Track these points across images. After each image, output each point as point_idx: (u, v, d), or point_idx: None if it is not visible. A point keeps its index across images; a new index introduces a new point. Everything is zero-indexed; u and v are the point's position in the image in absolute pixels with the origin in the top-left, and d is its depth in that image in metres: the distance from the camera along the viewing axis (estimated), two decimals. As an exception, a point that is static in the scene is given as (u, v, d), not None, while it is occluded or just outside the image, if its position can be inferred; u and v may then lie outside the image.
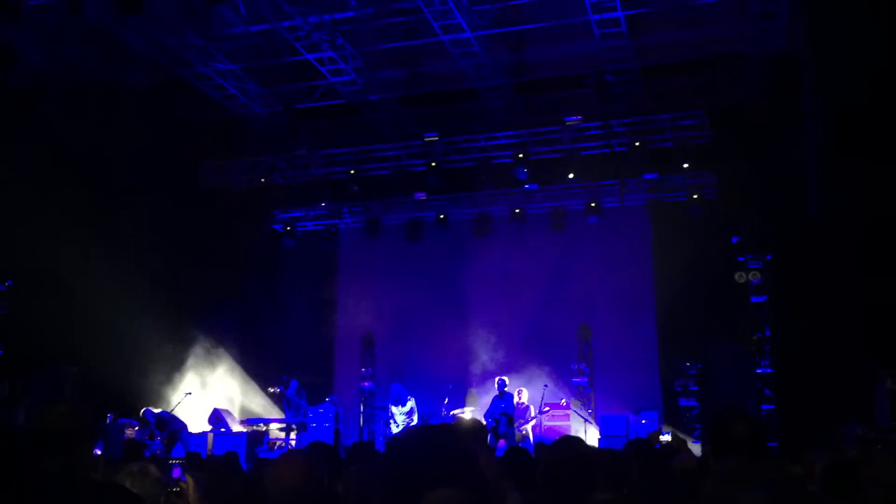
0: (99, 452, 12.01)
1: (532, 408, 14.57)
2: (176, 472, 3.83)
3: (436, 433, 1.78)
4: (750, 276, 15.25)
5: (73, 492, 2.52)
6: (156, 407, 15.00)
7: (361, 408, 18.10)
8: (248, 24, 14.11)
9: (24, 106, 13.52)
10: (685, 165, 16.30)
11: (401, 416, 14.95)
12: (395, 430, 14.79)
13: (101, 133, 14.41)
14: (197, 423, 15.26)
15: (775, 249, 15.10)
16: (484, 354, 16.98)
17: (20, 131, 13.55)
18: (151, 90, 15.37)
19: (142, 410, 14.61)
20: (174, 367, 16.28)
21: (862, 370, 12.09)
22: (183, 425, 14.68)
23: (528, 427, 14.33)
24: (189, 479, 4.77)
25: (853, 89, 11.74)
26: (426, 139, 17.08)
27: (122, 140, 14.76)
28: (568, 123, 16.26)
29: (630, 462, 4.68)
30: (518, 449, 4.75)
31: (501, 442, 13.16)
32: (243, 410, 16.78)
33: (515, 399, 14.37)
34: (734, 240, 15.41)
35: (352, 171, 17.63)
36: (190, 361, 16.51)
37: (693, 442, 12.70)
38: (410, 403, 15.03)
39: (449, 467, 1.67)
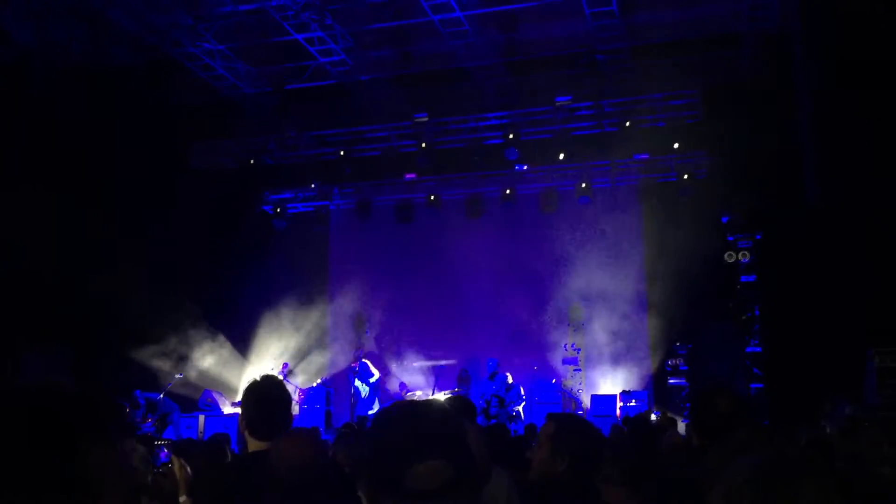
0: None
1: (521, 388, 14.63)
2: (163, 454, 3.82)
3: (423, 406, 1.78)
4: (740, 256, 15.30)
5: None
6: (147, 389, 14.99)
7: (352, 389, 18.11)
8: (237, 4, 13.98)
9: (11, 85, 13.41)
10: (676, 146, 16.29)
11: (365, 390, 15.08)
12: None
13: (89, 113, 14.30)
14: (188, 405, 15.26)
15: (765, 229, 15.14)
16: (475, 335, 17.01)
17: (7, 110, 13.44)
18: (140, 71, 15.26)
19: (133, 392, 14.60)
20: (165, 348, 16.25)
21: (851, 349, 12.18)
22: (175, 407, 14.68)
23: (520, 408, 14.38)
24: (175, 461, 4.77)
25: (847, 68, 11.73)
26: (416, 120, 17.01)
27: (111, 120, 14.65)
28: (559, 104, 16.21)
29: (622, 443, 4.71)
30: (497, 426, 4.75)
31: (493, 423, 13.21)
32: (235, 392, 16.78)
33: (505, 385, 14.42)
34: (724, 219, 15.44)
35: (342, 153, 17.57)
36: (181, 343, 16.48)
37: (683, 421, 12.77)
38: (374, 378, 15.21)
39: (436, 440, 1.67)
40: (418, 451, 1.65)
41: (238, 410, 14.72)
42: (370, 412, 14.59)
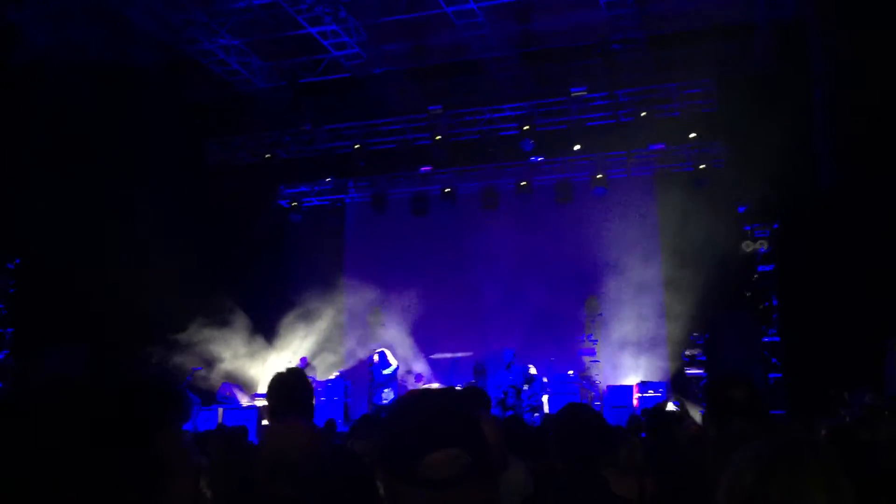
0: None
1: (545, 378, 14.64)
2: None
3: (437, 395, 1.79)
4: (757, 246, 15.21)
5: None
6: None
7: (370, 381, 18.18)
8: (251, -1, 14.02)
9: (29, 85, 13.51)
10: (692, 135, 16.20)
11: (382, 382, 15.16)
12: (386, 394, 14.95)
13: (106, 111, 14.40)
14: (206, 398, 15.37)
15: (782, 218, 15.04)
16: (491, 326, 17.02)
17: (25, 110, 13.55)
18: (155, 67, 15.32)
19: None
20: (182, 342, 16.36)
21: (870, 338, 12.09)
22: (196, 401, 14.79)
23: (545, 399, 14.38)
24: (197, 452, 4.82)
25: (862, 54, 11.62)
26: (431, 112, 17.00)
27: (127, 118, 14.75)
28: (574, 94, 16.15)
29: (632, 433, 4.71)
30: (513, 417, 4.77)
31: (509, 414, 13.22)
32: (253, 385, 16.87)
33: (524, 376, 14.43)
34: (741, 209, 15.34)
35: (357, 146, 17.58)
36: (198, 337, 16.58)
37: (700, 411, 12.73)
38: (391, 369, 15.27)
39: (451, 429, 1.68)
40: (433, 439, 1.65)
41: (256, 403, 14.87)
42: (385, 402, 14.64)
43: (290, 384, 3.63)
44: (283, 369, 3.77)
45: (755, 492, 1.58)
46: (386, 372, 15.30)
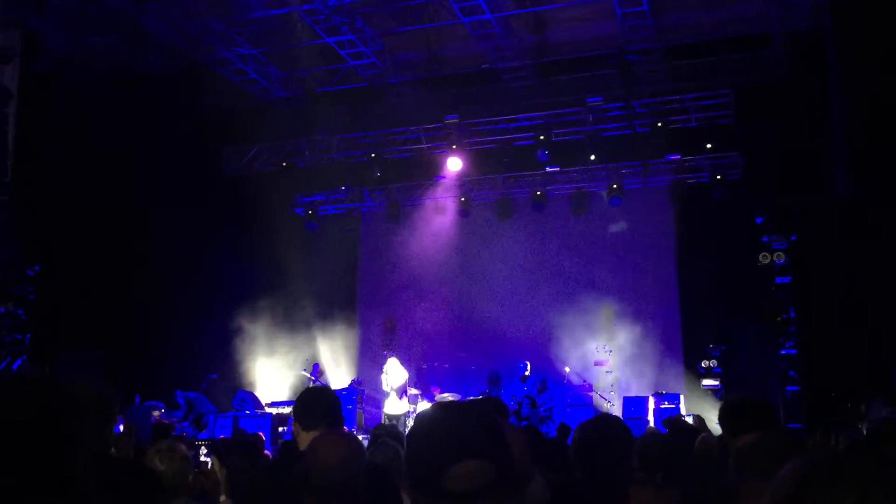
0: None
1: (556, 390, 14.62)
2: (203, 454, 3.87)
3: (462, 407, 1.79)
4: (774, 257, 15.12)
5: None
6: (183, 390, 15.18)
7: (382, 390, 18.17)
8: (268, 9, 14.11)
9: (48, 91, 13.63)
10: (708, 146, 16.15)
11: (394, 391, 15.11)
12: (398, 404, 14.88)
13: (123, 119, 14.50)
14: (221, 405, 15.42)
15: (800, 230, 14.95)
16: (506, 337, 17.00)
17: (44, 116, 13.66)
18: (172, 75, 15.43)
19: (173, 392, 14.83)
20: (198, 350, 16.42)
21: (888, 350, 11.99)
22: (212, 409, 14.85)
23: (551, 409, 14.37)
24: (215, 460, 4.84)
25: (880, 66, 11.56)
26: (447, 122, 17.03)
27: (144, 125, 14.84)
28: (590, 104, 16.14)
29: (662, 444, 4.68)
30: (529, 428, 4.75)
31: (523, 425, 13.19)
32: (267, 393, 16.91)
33: (539, 386, 14.41)
34: (758, 220, 15.27)
35: (373, 155, 17.62)
36: (213, 344, 16.65)
37: (717, 423, 12.65)
38: (403, 380, 15.24)
39: (475, 441, 1.67)
40: (457, 451, 1.65)
41: (271, 411, 14.90)
42: (398, 413, 14.62)
43: (321, 396, 3.66)
44: (309, 385, 3.82)
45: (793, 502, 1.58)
46: (397, 381, 15.28)
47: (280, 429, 13.88)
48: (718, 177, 16.02)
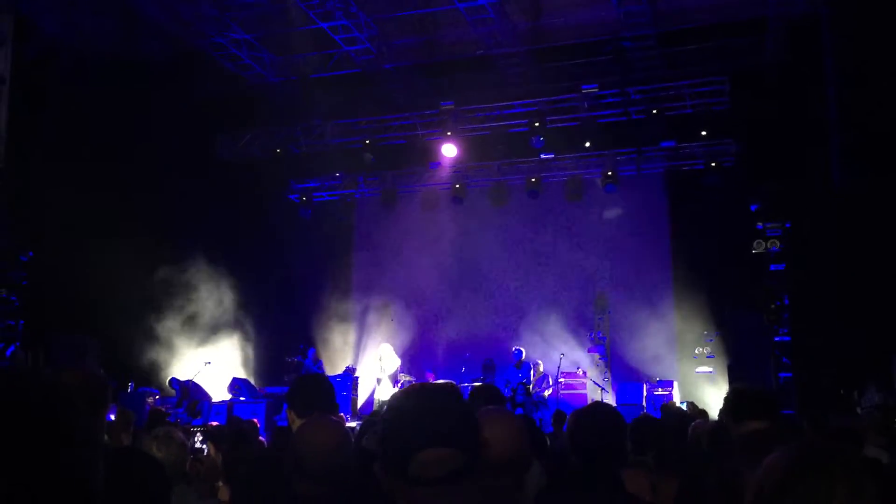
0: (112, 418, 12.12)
1: (549, 377, 14.65)
2: (199, 440, 3.87)
3: (434, 391, 1.77)
4: (769, 245, 15.14)
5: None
6: (179, 376, 15.19)
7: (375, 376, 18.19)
8: (262, -7, 14.03)
9: (41, 77, 13.55)
10: (703, 133, 16.14)
11: (386, 377, 15.15)
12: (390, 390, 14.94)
13: (116, 105, 14.43)
14: (216, 392, 15.42)
15: (794, 217, 14.97)
16: (500, 323, 17.02)
17: (37, 102, 13.59)
18: (166, 61, 15.35)
19: (168, 379, 14.83)
20: (192, 336, 16.42)
21: (881, 337, 12.04)
22: (206, 395, 14.85)
23: (546, 395, 14.41)
24: (211, 446, 4.83)
25: (876, 52, 11.56)
26: (442, 108, 16.97)
27: (138, 111, 14.78)
28: (585, 91, 16.10)
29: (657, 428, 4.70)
30: (524, 416, 4.74)
31: (518, 411, 13.22)
32: (262, 379, 16.92)
33: (533, 372, 14.45)
34: (753, 207, 15.28)
35: (367, 141, 17.57)
36: (208, 331, 16.64)
37: (709, 408, 12.69)
38: (396, 366, 15.28)
39: (446, 428, 1.65)
40: (426, 437, 1.63)
41: (264, 397, 14.89)
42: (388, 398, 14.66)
43: (316, 383, 3.66)
44: (303, 371, 3.82)
45: (781, 491, 1.58)
46: (390, 368, 15.32)
47: (275, 417, 13.90)
48: (713, 164, 16.03)
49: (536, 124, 16.32)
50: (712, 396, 14.24)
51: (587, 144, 16.83)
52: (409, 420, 1.67)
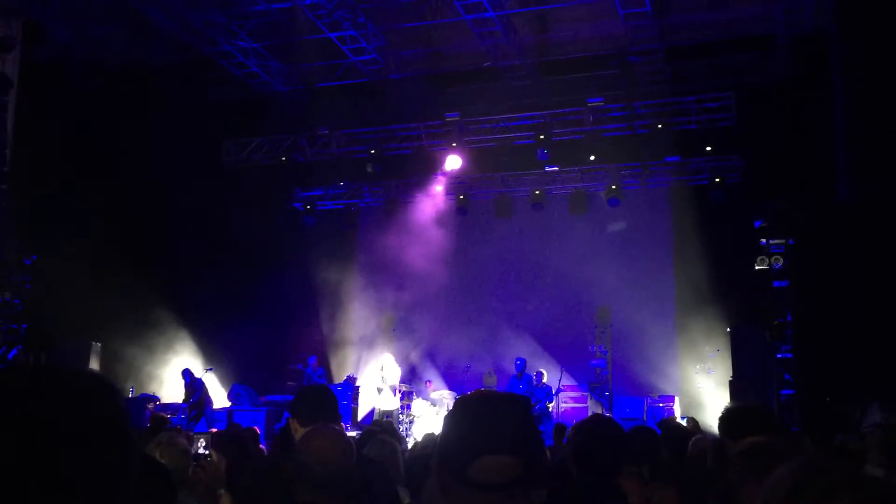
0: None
1: (551, 388, 14.62)
2: (201, 446, 3.87)
3: (498, 399, 1.79)
4: (772, 261, 15.12)
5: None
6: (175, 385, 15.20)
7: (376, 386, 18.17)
8: (271, 2, 14.11)
9: (49, 82, 13.61)
10: (708, 148, 16.15)
11: (387, 388, 15.14)
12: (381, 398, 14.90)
13: (123, 111, 14.49)
14: (217, 398, 15.42)
15: (798, 234, 14.96)
16: (502, 335, 17.00)
17: (45, 108, 13.65)
18: (174, 68, 15.41)
19: (182, 369, 14.84)
20: (194, 342, 16.43)
21: (885, 355, 12.00)
22: (209, 402, 14.84)
23: (549, 406, 14.37)
24: (213, 454, 4.83)
25: (882, 70, 11.58)
26: (447, 119, 17.01)
27: (145, 117, 14.83)
28: (590, 105, 16.13)
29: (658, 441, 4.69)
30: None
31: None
32: (262, 386, 16.90)
33: (535, 381, 14.43)
34: (756, 224, 15.27)
35: (372, 151, 17.60)
36: (209, 337, 16.65)
37: (713, 425, 12.66)
38: (397, 376, 15.27)
39: (508, 437, 1.67)
40: (487, 443, 1.65)
41: (265, 404, 14.88)
42: (392, 409, 14.65)
43: (319, 393, 3.69)
44: (308, 385, 3.85)
45: None
46: (391, 378, 15.29)
47: (275, 426, 13.90)
48: (718, 179, 16.02)
49: (541, 137, 16.35)
50: (713, 412, 14.19)
51: (592, 158, 16.85)
52: (477, 423, 1.69)
